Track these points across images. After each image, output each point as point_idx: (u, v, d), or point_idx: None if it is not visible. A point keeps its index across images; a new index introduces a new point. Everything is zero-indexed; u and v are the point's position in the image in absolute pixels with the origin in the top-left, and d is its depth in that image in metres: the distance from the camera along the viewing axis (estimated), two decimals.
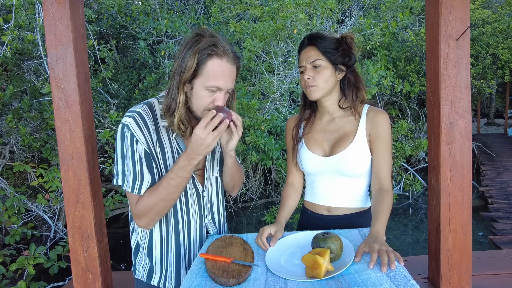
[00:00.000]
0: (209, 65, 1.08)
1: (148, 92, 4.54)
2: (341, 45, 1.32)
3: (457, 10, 1.19)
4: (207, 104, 1.12)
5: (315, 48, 1.32)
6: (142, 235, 1.25)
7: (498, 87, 14.31)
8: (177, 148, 1.20)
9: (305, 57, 1.34)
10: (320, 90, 1.33)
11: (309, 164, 1.40)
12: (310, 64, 1.32)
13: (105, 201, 3.76)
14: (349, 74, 1.37)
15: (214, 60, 1.08)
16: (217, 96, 1.11)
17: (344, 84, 1.38)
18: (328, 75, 1.32)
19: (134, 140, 1.10)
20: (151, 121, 1.16)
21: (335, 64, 1.32)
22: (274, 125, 4.19)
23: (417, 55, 7.41)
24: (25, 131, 3.47)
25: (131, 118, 1.11)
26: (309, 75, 1.32)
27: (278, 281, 0.96)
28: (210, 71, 1.08)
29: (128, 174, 1.11)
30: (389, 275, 0.93)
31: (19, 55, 3.78)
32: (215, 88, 1.10)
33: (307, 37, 1.36)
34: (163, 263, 1.24)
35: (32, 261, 2.75)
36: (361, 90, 1.37)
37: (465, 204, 1.25)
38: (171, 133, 1.19)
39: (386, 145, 1.32)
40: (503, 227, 5.40)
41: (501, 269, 1.52)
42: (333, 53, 1.31)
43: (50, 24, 1.18)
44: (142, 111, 1.14)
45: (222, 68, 1.09)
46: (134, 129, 1.10)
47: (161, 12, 5.25)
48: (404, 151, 4.65)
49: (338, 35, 1.36)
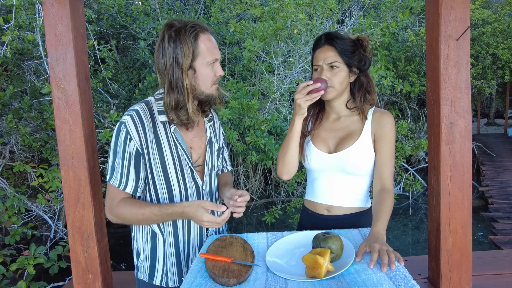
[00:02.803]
0: (201, 43, 1.15)
1: (148, 92, 4.54)
2: (358, 48, 1.32)
3: (457, 10, 1.19)
4: (212, 78, 1.19)
5: (334, 48, 1.31)
6: (143, 239, 1.26)
7: (498, 87, 14.30)
8: (175, 142, 1.21)
9: (322, 56, 1.32)
10: (335, 91, 1.33)
11: (314, 160, 1.40)
12: (327, 65, 1.31)
13: (105, 201, 3.75)
14: (362, 77, 1.37)
15: (202, 37, 1.16)
16: (216, 67, 1.19)
17: (355, 86, 1.38)
18: (343, 76, 1.32)
19: (128, 138, 1.15)
20: (148, 118, 1.19)
21: (350, 67, 1.32)
22: (274, 125, 4.19)
23: (417, 55, 7.41)
24: (25, 131, 3.47)
25: (129, 116, 1.16)
26: (326, 76, 1.31)
27: (279, 281, 0.96)
28: (204, 47, 1.15)
29: (117, 170, 1.16)
30: (390, 275, 0.93)
31: (19, 55, 3.78)
32: (214, 60, 1.18)
33: (325, 36, 1.34)
34: (165, 262, 1.25)
35: (32, 261, 2.75)
36: (372, 94, 1.38)
37: (465, 204, 1.25)
38: (169, 128, 1.21)
39: (391, 146, 1.32)
40: (503, 227, 5.40)
41: (501, 269, 1.52)
42: (350, 56, 1.31)
43: (50, 24, 1.19)
44: (140, 109, 1.18)
45: (211, 41, 1.18)
46: (130, 127, 1.15)
47: (161, 12, 5.25)
48: (404, 151, 4.65)
49: (354, 36, 1.35)
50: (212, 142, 1.33)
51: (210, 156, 1.31)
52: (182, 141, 1.21)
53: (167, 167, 1.20)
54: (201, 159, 1.28)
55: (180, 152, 1.21)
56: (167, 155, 1.19)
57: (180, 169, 1.21)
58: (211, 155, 1.31)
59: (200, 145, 1.28)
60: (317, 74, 1.33)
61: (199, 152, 1.28)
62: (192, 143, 1.26)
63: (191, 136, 1.26)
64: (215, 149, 1.34)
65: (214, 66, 1.18)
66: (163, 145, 1.19)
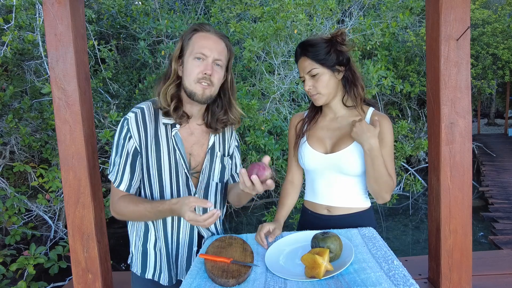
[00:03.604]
0: (194, 38, 1.16)
1: (148, 92, 4.54)
2: (333, 46, 1.32)
3: (457, 10, 1.19)
4: (196, 74, 1.15)
5: (307, 58, 1.33)
6: (137, 232, 1.27)
7: (498, 87, 14.29)
8: (174, 146, 1.20)
9: (301, 67, 1.36)
10: (323, 96, 1.35)
11: (309, 160, 1.41)
12: (307, 74, 1.34)
13: (105, 201, 3.75)
14: (347, 71, 1.37)
15: (199, 33, 1.17)
16: (204, 64, 1.14)
17: (345, 81, 1.39)
18: (327, 80, 1.33)
19: (128, 136, 1.16)
20: (151, 118, 1.19)
21: (331, 67, 1.32)
22: (274, 125, 4.19)
23: (417, 55, 7.41)
24: (25, 131, 3.47)
25: (133, 114, 1.17)
26: (309, 85, 1.34)
27: (278, 281, 0.96)
28: (195, 41, 1.16)
29: (116, 166, 1.18)
30: (388, 274, 0.93)
31: (20, 55, 3.78)
32: (200, 55, 1.14)
33: (298, 47, 1.37)
34: (156, 257, 1.25)
35: (32, 261, 2.75)
36: (357, 88, 1.37)
37: (465, 204, 1.25)
38: (170, 131, 1.20)
39: (389, 150, 1.32)
40: (503, 227, 5.40)
41: (502, 269, 1.52)
42: (326, 58, 1.31)
43: (51, 24, 1.19)
44: (146, 108, 1.20)
45: (206, 37, 1.16)
46: (132, 124, 1.16)
47: (161, 12, 5.24)
48: (404, 151, 4.65)
49: (327, 35, 1.36)
50: (214, 150, 1.30)
51: (208, 164, 1.28)
52: (182, 146, 1.21)
53: (162, 170, 1.19)
54: (199, 166, 1.27)
55: (178, 156, 1.20)
56: (164, 158, 1.19)
57: (175, 174, 1.21)
58: (209, 164, 1.29)
59: (199, 153, 1.27)
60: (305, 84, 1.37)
61: (197, 160, 1.26)
62: (191, 150, 1.25)
63: (192, 142, 1.25)
64: (216, 157, 1.30)
65: (201, 62, 1.15)
66: (162, 147, 1.19)
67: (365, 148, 1.24)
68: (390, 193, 1.30)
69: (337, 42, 1.33)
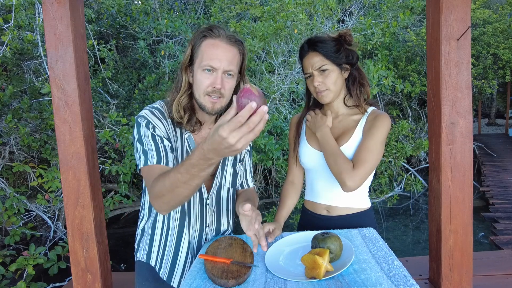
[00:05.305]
0: (203, 46, 1.11)
1: (148, 92, 4.54)
2: (342, 44, 1.33)
3: (458, 10, 1.18)
4: (205, 87, 1.10)
5: (318, 53, 1.31)
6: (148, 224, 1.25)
7: (499, 87, 14.28)
8: (187, 149, 1.19)
9: (309, 63, 1.33)
10: (331, 93, 1.34)
11: (307, 158, 1.41)
12: (316, 70, 1.32)
13: (104, 202, 3.76)
14: (354, 71, 1.37)
15: (208, 40, 1.11)
16: (214, 77, 1.09)
17: (349, 81, 1.39)
18: (335, 77, 1.33)
19: (150, 126, 1.10)
20: (166, 116, 1.17)
21: (339, 65, 1.32)
22: (275, 125, 4.18)
23: (417, 55, 7.41)
24: (24, 131, 3.47)
25: (148, 110, 1.13)
26: (319, 81, 1.32)
27: (278, 281, 0.96)
28: (204, 51, 1.10)
29: (151, 150, 1.07)
30: (389, 275, 0.92)
31: (19, 55, 3.78)
32: (209, 67, 1.09)
33: (306, 43, 1.35)
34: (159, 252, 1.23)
35: (32, 261, 2.74)
36: (365, 86, 1.38)
37: (466, 205, 1.24)
38: (184, 133, 1.19)
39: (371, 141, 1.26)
40: (504, 227, 5.39)
41: (502, 269, 1.52)
42: (336, 55, 1.31)
43: (50, 24, 1.18)
44: (160, 106, 1.17)
45: (215, 46, 1.09)
46: (151, 117, 1.12)
47: (161, 12, 5.24)
48: (405, 151, 4.65)
49: (335, 33, 1.35)
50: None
51: (221, 169, 1.26)
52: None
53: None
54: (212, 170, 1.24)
55: None
56: (178, 159, 1.16)
57: None
58: (222, 169, 1.27)
59: None
60: (310, 81, 1.35)
61: None
62: None
63: None
64: (228, 162, 1.28)
65: (211, 75, 1.09)
66: (176, 148, 1.17)
67: (317, 135, 1.34)
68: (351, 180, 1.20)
69: (345, 41, 1.33)
